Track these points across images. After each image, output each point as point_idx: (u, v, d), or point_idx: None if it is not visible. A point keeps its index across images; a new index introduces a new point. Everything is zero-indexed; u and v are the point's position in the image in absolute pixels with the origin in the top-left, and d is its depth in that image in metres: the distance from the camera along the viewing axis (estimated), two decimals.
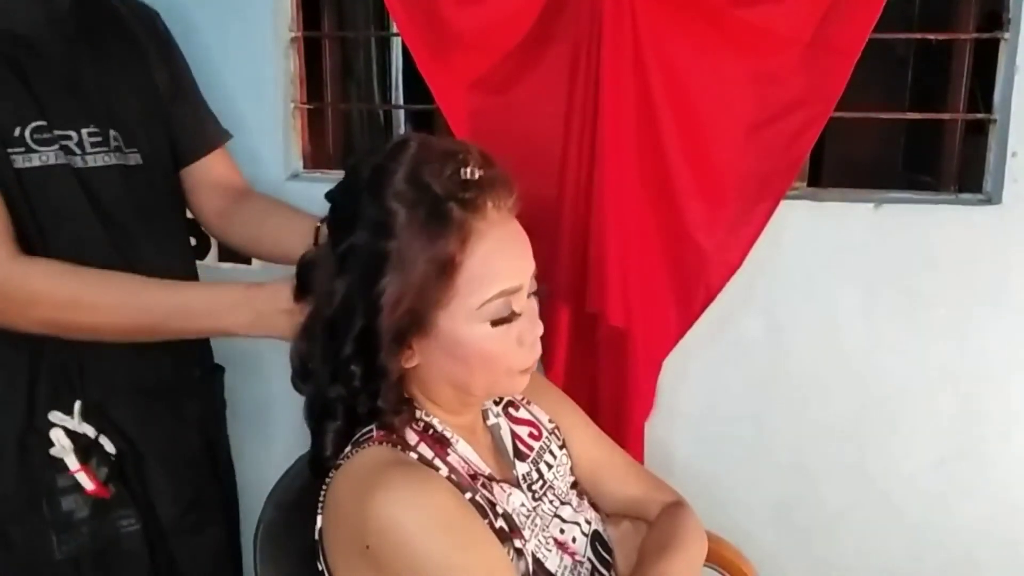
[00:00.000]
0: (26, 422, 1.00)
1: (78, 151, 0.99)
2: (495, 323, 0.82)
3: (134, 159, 1.07)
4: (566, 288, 1.49)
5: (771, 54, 1.41)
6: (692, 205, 1.45)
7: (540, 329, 0.87)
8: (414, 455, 0.83)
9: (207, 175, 1.22)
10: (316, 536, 0.83)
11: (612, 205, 1.40)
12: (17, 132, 0.94)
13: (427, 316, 0.81)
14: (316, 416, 0.87)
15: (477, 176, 0.81)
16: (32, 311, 0.92)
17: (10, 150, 0.93)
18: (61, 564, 1.01)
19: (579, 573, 0.91)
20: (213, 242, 1.58)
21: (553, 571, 0.87)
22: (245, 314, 0.93)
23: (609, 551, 0.97)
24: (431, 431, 0.87)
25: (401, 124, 2.11)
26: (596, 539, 0.96)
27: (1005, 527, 1.52)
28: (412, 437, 0.85)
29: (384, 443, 0.83)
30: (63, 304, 0.91)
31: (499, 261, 0.82)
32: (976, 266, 1.45)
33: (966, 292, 1.46)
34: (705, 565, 1.02)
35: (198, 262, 1.30)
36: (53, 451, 0.99)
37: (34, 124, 0.95)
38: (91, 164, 1.01)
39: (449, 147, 0.83)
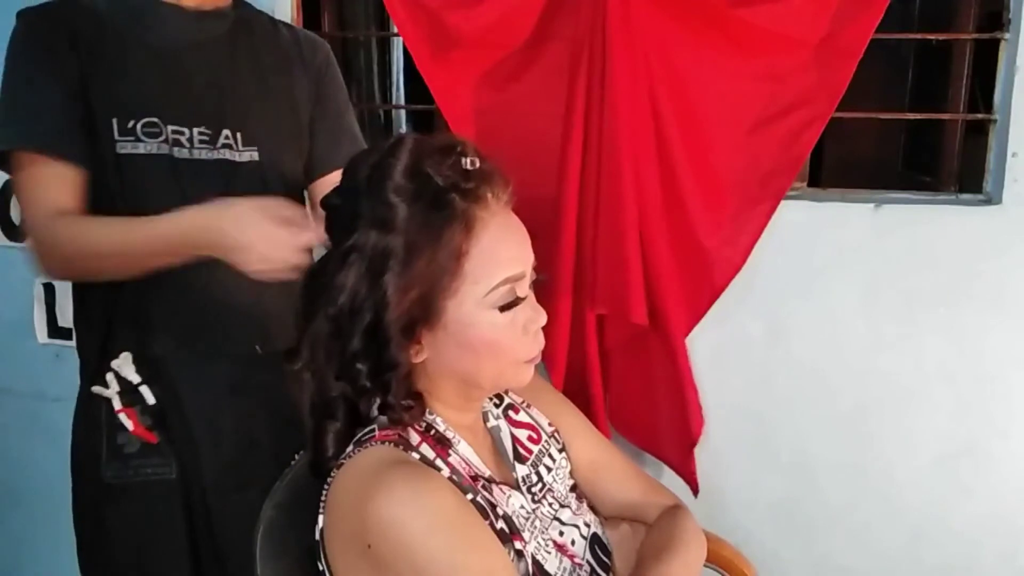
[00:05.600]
0: (98, 365, 1.14)
1: (187, 145, 1.12)
2: (503, 308, 0.83)
3: (247, 156, 1.17)
4: (571, 286, 1.49)
5: (772, 54, 1.41)
6: (695, 205, 1.45)
7: (544, 318, 0.88)
8: (416, 455, 0.83)
9: (323, 192, 1.27)
10: (317, 536, 0.83)
11: (630, 205, 1.40)
12: (131, 124, 1.09)
13: (435, 306, 0.82)
14: (317, 416, 0.87)
15: (477, 166, 0.82)
16: (56, 254, 1.06)
17: (120, 138, 1.09)
18: (110, 487, 1.14)
19: (578, 575, 0.91)
20: None
21: (552, 573, 0.87)
22: (210, 236, 0.97)
23: (608, 554, 0.97)
24: (433, 431, 0.87)
25: (401, 124, 2.11)
26: (595, 542, 0.96)
27: (1005, 526, 1.52)
28: (414, 437, 0.85)
29: (386, 442, 0.83)
30: (73, 244, 1.04)
31: (503, 249, 0.83)
32: (976, 266, 1.45)
33: (966, 292, 1.46)
34: (705, 565, 1.02)
35: None
36: (99, 389, 1.13)
37: (146, 119, 1.10)
38: (194, 156, 1.13)
39: (446, 141, 0.84)
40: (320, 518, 0.83)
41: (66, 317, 1.86)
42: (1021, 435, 1.49)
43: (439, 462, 0.84)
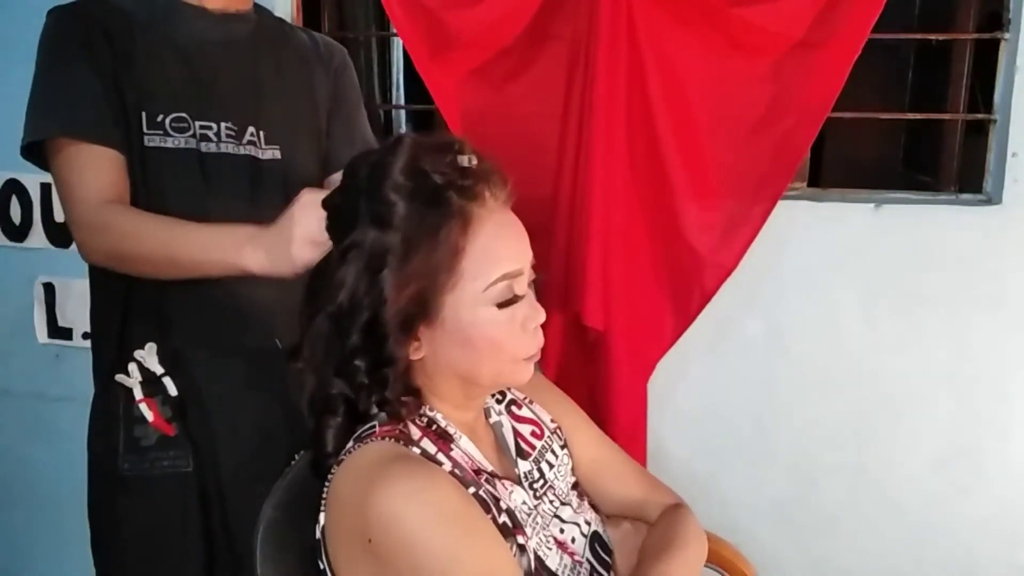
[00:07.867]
0: (116, 356, 1.16)
1: (214, 139, 1.16)
2: (501, 305, 0.83)
3: (270, 154, 1.20)
4: (560, 288, 1.49)
5: (769, 53, 1.40)
6: (686, 207, 1.44)
7: (542, 316, 0.88)
8: (417, 450, 0.83)
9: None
10: (319, 533, 0.83)
11: (598, 205, 1.40)
12: (159, 118, 1.12)
13: (433, 302, 0.82)
14: (317, 412, 0.87)
15: (474, 163, 0.83)
16: (101, 238, 1.07)
17: (148, 131, 1.11)
18: (126, 479, 1.15)
19: (578, 573, 0.91)
20: None
21: (554, 569, 0.87)
22: (254, 252, 0.99)
23: (608, 552, 0.97)
24: (434, 427, 0.88)
25: (401, 124, 2.10)
26: (595, 540, 0.96)
27: (1004, 526, 1.52)
28: (415, 432, 0.86)
29: (387, 438, 0.83)
30: (121, 233, 1.06)
31: (501, 246, 0.84)
32: (976, 266, 1.45)
33: (966, 292, 1.46)
34: (705, 565, 1.02)
35: None
36: (122, 378, 1.14)
37: (175, 115, 1.13)
38: (221, 151, 1.16)
39: (444, 140, 0.85)
40: (321, 515, 0.83)
41: (66, 317, 1.86)
42: (1021, 436, 1.49)
43: (440, 456, 0.84)
